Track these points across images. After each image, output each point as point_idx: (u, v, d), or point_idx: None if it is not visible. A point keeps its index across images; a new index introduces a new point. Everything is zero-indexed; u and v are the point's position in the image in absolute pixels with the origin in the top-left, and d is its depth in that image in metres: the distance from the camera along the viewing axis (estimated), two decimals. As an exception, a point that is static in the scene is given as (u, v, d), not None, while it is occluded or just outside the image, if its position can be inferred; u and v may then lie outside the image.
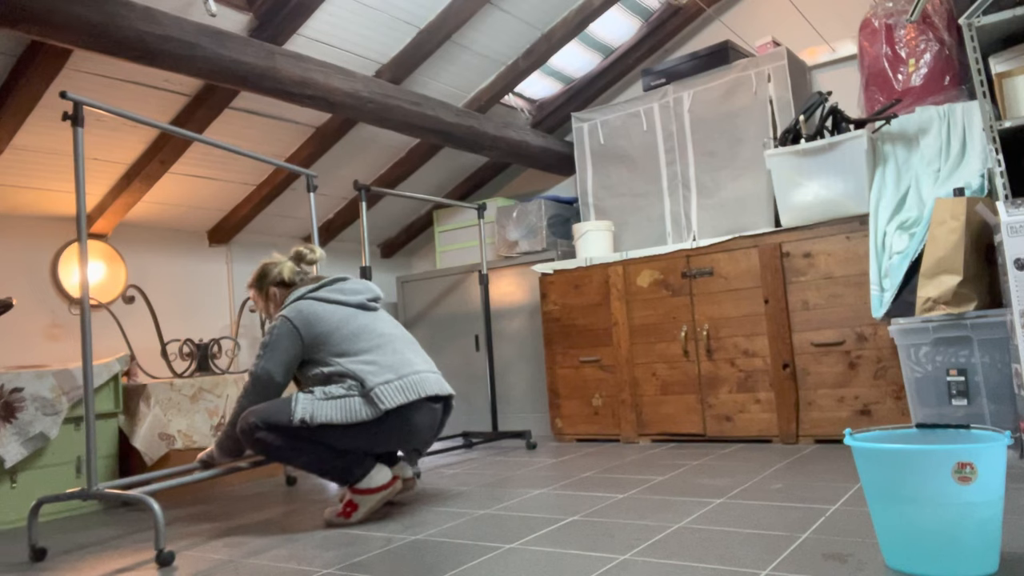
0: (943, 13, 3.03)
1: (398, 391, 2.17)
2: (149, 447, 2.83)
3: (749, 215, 3.38)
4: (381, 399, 2.13)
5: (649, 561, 1.54)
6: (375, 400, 2.13)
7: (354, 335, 2.25)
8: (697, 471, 2.50)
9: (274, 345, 2.24)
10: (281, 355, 2.24)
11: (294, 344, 2.25)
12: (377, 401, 2.13)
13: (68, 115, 2.06)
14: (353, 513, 2.16)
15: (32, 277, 3.15)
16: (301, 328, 2.25)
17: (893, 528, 1.34)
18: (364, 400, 2.15)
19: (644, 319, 3.31)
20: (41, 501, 2.06)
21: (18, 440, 2.50)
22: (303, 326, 2.25)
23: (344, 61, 3.12)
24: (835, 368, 2.84)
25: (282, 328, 2.26)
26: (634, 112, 3.74)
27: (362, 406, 2.14)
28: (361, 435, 2.16)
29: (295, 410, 2.13)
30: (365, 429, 2.15)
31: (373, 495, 2.18)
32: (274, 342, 2.25)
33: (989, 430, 1.40)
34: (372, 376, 2.17)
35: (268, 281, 2.49)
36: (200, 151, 3.25)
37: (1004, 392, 2.30)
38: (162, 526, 1.88)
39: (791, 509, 1.88)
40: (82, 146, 2.06)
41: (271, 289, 2.48)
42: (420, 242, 4.94)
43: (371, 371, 2.18)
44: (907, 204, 2.79)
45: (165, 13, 2.37)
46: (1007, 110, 2.47)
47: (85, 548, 2.11)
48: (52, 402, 2.59)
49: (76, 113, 2.06)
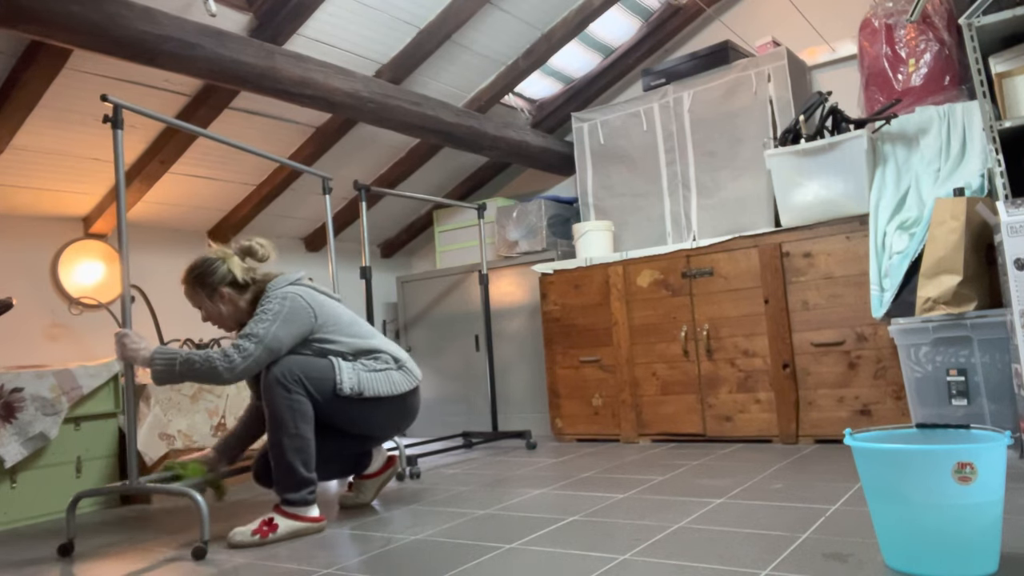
0: (943, 13, 3.03)
1: (415, 368, 2.32)
2: (149, 447, 2.83)
3: (749, 215, 3.38)
4: (413, 371, 2.28)
5: (649, 561, 1.54)
6: (409, 372, 2.26)
7: (353, 322, 2.27)
8: (697, 471, 2.50)
9: (288, 317, 2.07)
10: (293, 328, 2.08)
11: (307, 322, 2.12)
12: (409, 373, 2.26)
13: (108, 118, 2.09)
14: (271, 533, 1.98)
15: (32, 277, 3.15)
16: (315, 308, 2.15)
17: (893, 528, 1.34)
18: (401, 373, 2.24)
19: (644, 319, 3.31)
20: (79, 496, 2.07)
21: (18, 440, 2.50)
22: (317, 307, 2.16)
23: (344, 61, 3.12)
24: (835, 368, 2.84)
25: (296, 303, 2.11)
26: (634, 112, 3.74)
27: (402, 378, 2.23)
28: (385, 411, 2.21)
29: (341, 379, 2.09)
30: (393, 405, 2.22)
31: (299, 523, 2.02)
32: (288, 314, 2.08)
33: (989, 430, 1.40)
34: (397, 351, 2.27)
35: (216, 279, 2.18)
36: (200, 151, 3.25)
37: (1004, 392, 2.30)
38: (206, 518, 1.92)
39: (791, 509, 1.88)
40: (122, 148, 2.09)
41: (223, 289, 2.19)
42: (420, 242, 4.94)
43: (392, 348, 2.27)
44: (907, 204, 2.79)
45: (165, 13, 2.37)
46: (1007, 110, 2.47)
47: (98, 547, 2.11)
48: (52, 402, 2.59)
49: (116, 116, 2.09)
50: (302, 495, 2.04)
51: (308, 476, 2.05)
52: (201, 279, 2.19)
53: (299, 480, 2.04)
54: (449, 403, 4.17)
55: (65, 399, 2.63)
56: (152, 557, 1.94)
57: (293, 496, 2.03)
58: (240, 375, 2.01)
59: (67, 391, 2.65)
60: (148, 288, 3.52)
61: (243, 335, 2.03)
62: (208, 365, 1.98)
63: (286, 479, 2.03)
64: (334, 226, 4.25)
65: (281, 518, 2.01)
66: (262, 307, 2.10)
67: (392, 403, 2.22)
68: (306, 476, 2.05)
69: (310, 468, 2.06)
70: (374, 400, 2.17)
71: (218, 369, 1.98)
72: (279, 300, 2.10)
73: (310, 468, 2.06)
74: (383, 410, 2.20)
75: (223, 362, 1.98)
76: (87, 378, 2.72)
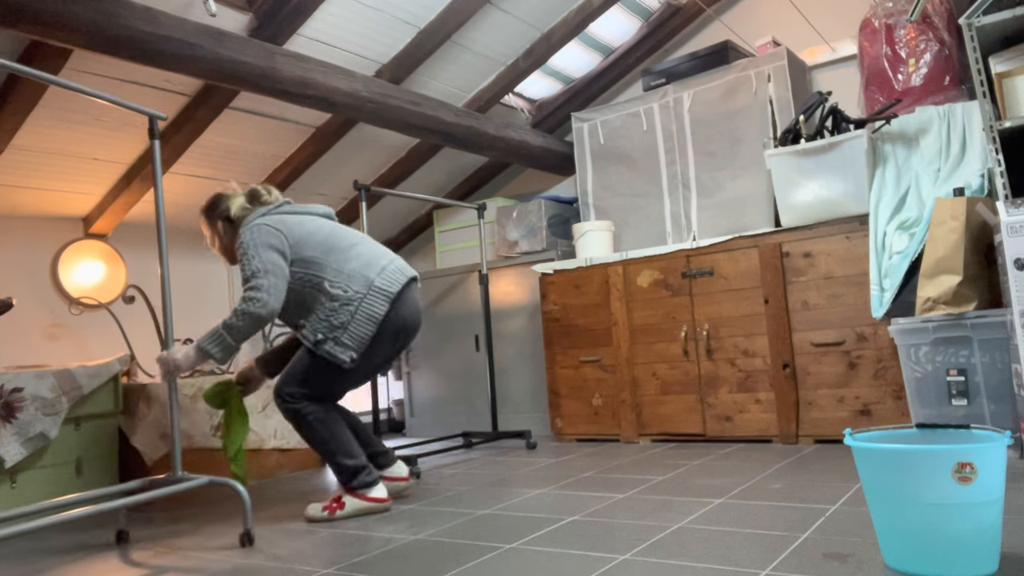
0: (943, 13, 3.03)
1: (396, 272, 2.31)
2: (149, 447, 2.83)
3: (749, 215, 3.38)
4: (387, 287, 2.26)
5: (649, 561, 1.54)
6: (383, 290, 2.25)
7: (331, 236, 2.30)
8: (697, 471, 2.50)
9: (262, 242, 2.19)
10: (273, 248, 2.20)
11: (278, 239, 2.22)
12: (385, 290, 2.25)
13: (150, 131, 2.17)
14: (338, 510, 2.21)
15: (32, 277, 3.15)
16: (283, 229, 2.25)
17: (893, 528, 1.34)
18: (376, 296, 2.24)
19: (644, 319, 3.31)
20: None
21: (18, 440, 2.50)
22: (285, 228, 2.25)
23: (344, 61, 3.12)
24: (835, 368, 2.84)
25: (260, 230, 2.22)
26: (634, 112, 3.74)
27: (376, 302, 2.24)
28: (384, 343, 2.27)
29: (335, 355, 2.20)
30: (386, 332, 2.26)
31: (364, 502, 2.23)
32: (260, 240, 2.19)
33: (989, 430, 1.40)
34: (367, 271, 2.26)
35: (217, 214, 2.37)
36: (200, 151, 3.25)
37: (1004, 392, 2.30)
38: (248, 508, 2.01)
39: (791, 509, 1.88)
40: (158, 155, 2.16)
41: (219, 223, 2.38)
42: (420, 242, 4.94)
43: (363, 266, 2.27)
44: (907, 204, 2.79)
45: (165, 13, 2.37)
46: (1007, 110, 2.47)
47: (89, 548, 2.12)
48: (52, 402, 2.59)
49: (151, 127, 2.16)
50: (360, 480, 2.24)
51: (355, 465, 2.25)
52: (208, 211, 2.40)
53: (350, 471, 2.24)
54: (449, 403, 4.18)
55: (65, 399, 2.63)
56: (172, 554, 1.94)
57: (353, 483, 2.25)
58: (274, 305, 2.15)
59: (67, 391, 2.65)
60: (148, 288, 3.52)
61: (245, 280, 2.19)
62: (247, 317, 2.12)
63: (341, 475, 2.26)
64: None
65: (348, 497, 2.24)
66: (239, 246, 2.24)
67: (384, 332, 2.27)
68: (353, 466, 2.25)
69: (354, 456, 2.26)
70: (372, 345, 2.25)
71: (254, 313, 2.12)
72: (248, 234, 2.23)
73: (354, 456, 2.26)
74: (384, 341, 2.28)
75: (253, 306, 2.13)
76: (87, 378, 2.72)
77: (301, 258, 2.25)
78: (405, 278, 2.32)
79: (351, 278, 2.24)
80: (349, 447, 2.26)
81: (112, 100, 2.04)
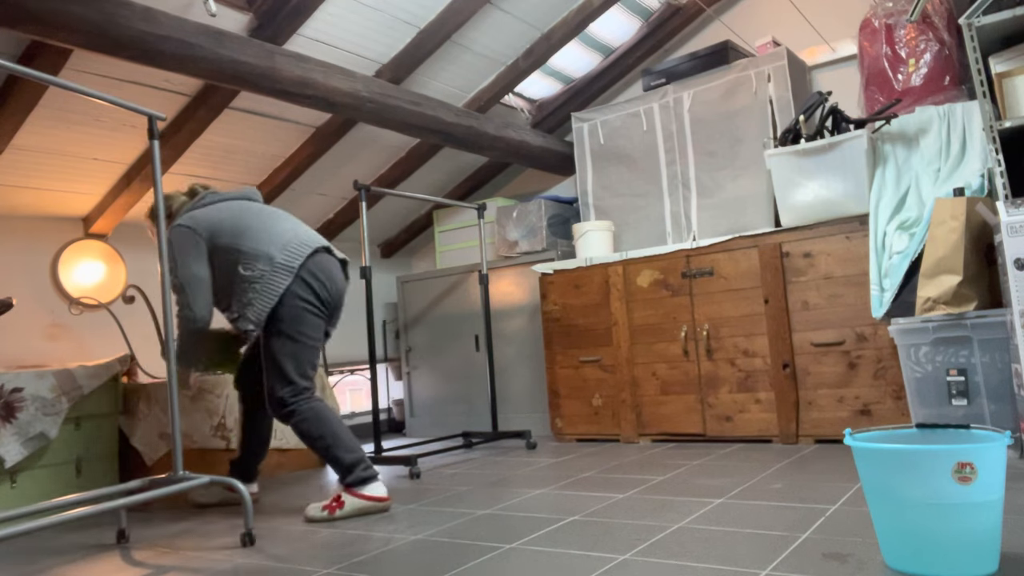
0: (943, 13, 3.03)
1: (300, 245, 2.35)
2: (149, 447, 2.83)
3: (749, 215, 3.38)
4: (288, 262, 2.31)
5: (649, 561, 1.54)
6: (284, 265, 2.30)
7: (240, 219, 2.37)
8: (697, 471, 2.50)
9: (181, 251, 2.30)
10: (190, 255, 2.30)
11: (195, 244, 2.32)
12: (286, 264, 2.30)
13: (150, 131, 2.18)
14: (338, 510, 2.23)
15: (32, 277, 3.15)
16: (199, 228, 2.34)
17: (893, 528, 1.34)
18: (277, 271, 2.29)
19: (644, 319, 3.31)
20: None
21: (18, 440, 2.50)
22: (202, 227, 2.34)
23: (344, 61, 3.12)
24: (835, 368, 2.84)
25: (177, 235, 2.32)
26: (634, 112, 3.74)
27: (277, 277, 2.29)
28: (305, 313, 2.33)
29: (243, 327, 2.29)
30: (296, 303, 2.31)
31: (363, 501, 2.25)
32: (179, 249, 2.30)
33: (989, 430, 1.40)
34: (270, 248, 2.32)
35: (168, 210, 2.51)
36: (200, 151, 3.25)
37: (1004, 392, 2.30)
38: (249, 508, 2.01)
39: (791, 509, 1.88)
40: (158, 155, 2.16)
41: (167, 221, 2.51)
42: (420, 242, 4.94)
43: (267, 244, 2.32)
44: (907, 204, 2.79)
45: (165, 13, 2.37)
46: (1007, 110, 2.47)
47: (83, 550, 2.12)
48: (52, 402, 2.59)
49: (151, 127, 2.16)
50: (356, 476, 2.26)
51: (351, 459, 2.28)
52: (152, 213, 2.51)
53: (346, 466, 2.27)
54: (449, 403, 4.18)
55: (65, 399, 2.63)
56: (170, 554, 1.94)
57: (349, 479, 2.27)
58: (201, 314, 2.30)
59: (67, 391, 2.65)
60: (148, 288, 3.52)
61: (173, 287, 2.32)
62: (181, 332, 2.31)
63: (337, 470, 2.29)
64: (334, 226, 4.25)
65: (348, 496, 2.25)
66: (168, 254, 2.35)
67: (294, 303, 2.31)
68: (349, 460, 2.27)
69: (351, 450, 2.29)
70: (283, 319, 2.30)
71: (186, 328, 2.30)
72: (169, 244, 2.34)
73: (351, 450, 2.29)
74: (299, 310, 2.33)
75: (184, 323, 2.30)
76: (87, 378, 2.72)
77: (216, 247, 2.34)
78: (309, 248, 2.36)
79: (257, 258, 2.31)
80: (346, 440, 2.29)
81: (112, 100, 2.04)
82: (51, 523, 1.67)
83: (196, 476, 2.06)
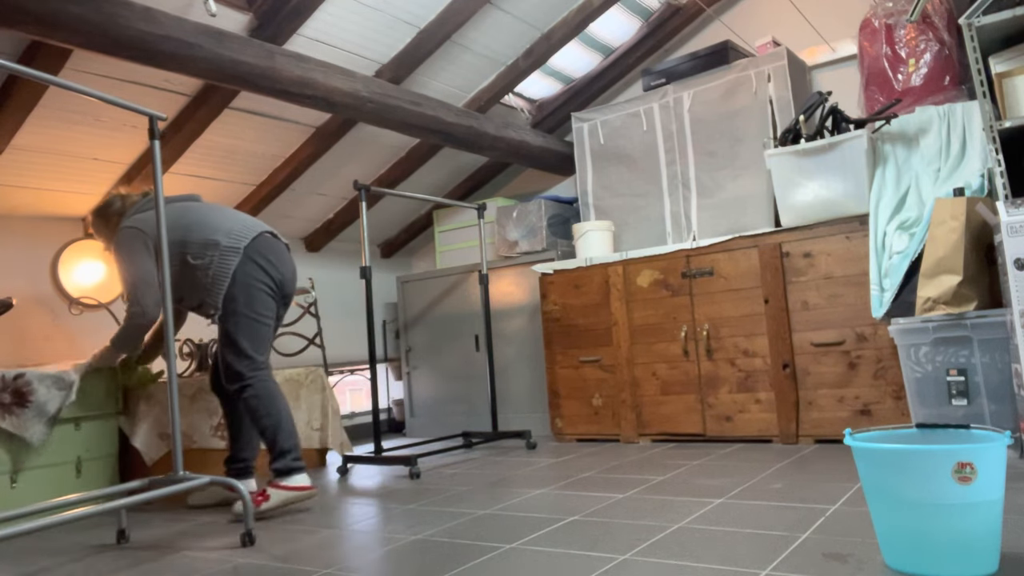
0: (943, 13, 3.03)
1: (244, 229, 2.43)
2: (149, 447, 2.83)
3: (749, 215, 3.38)
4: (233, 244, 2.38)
5: (649, 561, 1.54)
6: (230, 247, 2.38)
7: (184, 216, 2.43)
8: (697, 471, 2.50)
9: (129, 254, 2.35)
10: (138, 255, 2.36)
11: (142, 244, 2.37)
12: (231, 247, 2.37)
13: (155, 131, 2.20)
14: (264, 503, 2.28)
15: (32, 277, 3.15)
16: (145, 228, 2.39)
17: (893, 528, 1.34)
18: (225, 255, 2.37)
19: (644, 319, 3.31)
20: None
21: (40, 420, 2.52)
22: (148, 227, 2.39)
23: (344, 61, 3.12)
24: (835, 368, 2.84)
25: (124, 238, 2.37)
26: (634, 112, 3.74)
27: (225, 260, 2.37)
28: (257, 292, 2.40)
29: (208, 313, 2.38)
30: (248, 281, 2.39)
31: (288, 492, 2.31)
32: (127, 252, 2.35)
33: (989, 430, 1.40)
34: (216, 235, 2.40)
35: (112, 211, 2.54)
36: (200, 151, 3.25)
37: (1004, 392, 2.30)
38: (249, 508, 2.00)
39: (791, 509, 1.88)
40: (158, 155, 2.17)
41: (115, 219, 2.53)
42: (420, 242, 4.94)
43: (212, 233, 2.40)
44: (907, 204, 2.79)
45: (165, 13, 2.37)
46: (1007, 110, 2.47)
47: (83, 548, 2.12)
48: (59, 376, 2.60)
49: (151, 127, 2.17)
50: (287, 463, 2.33)
51: (288, 445, 2.35)
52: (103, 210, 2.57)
53: (282, 450, 2.34)
54: (449, 403, 4.18)
55: (73, 371, 2.65)
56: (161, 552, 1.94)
57: (279, 464, 2.33)
58: (151, 312, 2.37)
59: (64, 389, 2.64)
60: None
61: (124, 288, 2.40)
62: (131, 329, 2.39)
63: (271, 452, 2.36)
64: (334, 226, 4.25)
65: (273, 490, 2.31)
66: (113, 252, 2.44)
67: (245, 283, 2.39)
68: (287, 446, 2.35)
69: (290, 436, 2.36)
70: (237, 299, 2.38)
71: (136, 325, 2.37)
72: (116, 247, 2.40)
73: (290, 436, 2.36)
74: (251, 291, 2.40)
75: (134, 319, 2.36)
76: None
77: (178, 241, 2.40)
78: (253, 232, 2.44)
79: (204, 246, 2.39)
80: (288, 427, 2.37)
81: (112, 100, 2.04)
82: (51, 523, 1.67)
83: (196, 476, 2.06)
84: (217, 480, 2.06)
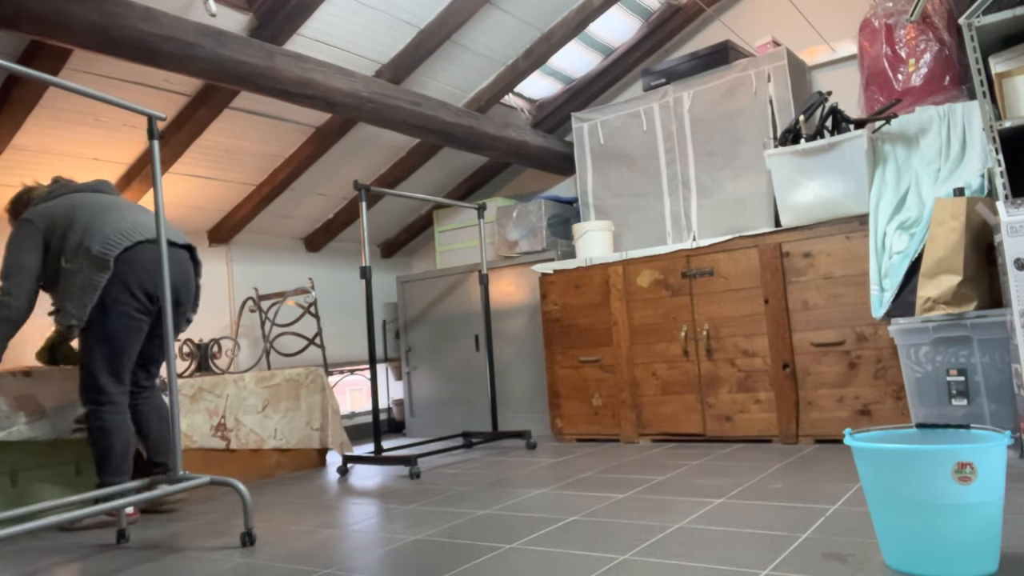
0: (943, 13, 3.03)
1: (118, 236, 2.31)
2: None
3: (749, 215, 3.38)
4: (104, 254, 2.27)
5: (649, 561, 1.54)
6: (99, 258, 2.27)
7: (73, 212, 2.36)
8: (697, 471, 2.50)
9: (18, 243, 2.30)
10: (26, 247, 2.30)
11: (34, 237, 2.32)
12: (100, 258, 2.27)
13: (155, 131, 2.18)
14: None
15: (32, 277, 3.15)
16: (42, 221, 2.33)
17: (893, 528, 1.34)
18: (94, 265, 2.27)
19: (644, 319, 3.31)
20: None
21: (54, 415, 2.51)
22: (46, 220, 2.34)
23: (344, 61, 3.12)
24: (835, 368, 2.84)
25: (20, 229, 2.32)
26: (634, 112, 3.74)
27: (94, 272, 2.26)
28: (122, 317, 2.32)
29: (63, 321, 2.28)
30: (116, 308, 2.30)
31: None
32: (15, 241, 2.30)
33: (989, 430, 1.40)
34: (90, 241, 2.29)
35: (20, 204, 2.51)
36: (200, 151, 3.25)
37: (1004, 392, 2.30)
38: (249, 508, 2.00)
39: (791, 509, 1.88)
40: (158, 155, 2.15)
41: (23, 212, 2.50)
42: (420, 242, 4.95)
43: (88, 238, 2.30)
44: (907, 204, 2.79)
45: (165, 13, 2.37)
46: (1007, 110, 2.47)
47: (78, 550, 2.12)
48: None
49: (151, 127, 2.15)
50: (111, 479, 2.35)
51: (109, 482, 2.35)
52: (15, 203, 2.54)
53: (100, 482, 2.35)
54: (449, 403, 4.18)
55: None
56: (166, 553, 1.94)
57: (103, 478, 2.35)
58: (19, 304, 2.28)
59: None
60: (148, 288, 3.52)
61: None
62: None
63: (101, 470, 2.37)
64: (334, 226, 4.25)
65: None
66: None
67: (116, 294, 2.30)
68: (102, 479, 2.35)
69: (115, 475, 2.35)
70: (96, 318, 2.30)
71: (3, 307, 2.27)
72: (11, 234, 2.35)
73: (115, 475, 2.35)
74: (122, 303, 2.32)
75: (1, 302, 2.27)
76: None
77: (50, 241, 2.35)
78: (129, 241, 2.33)
79: (77, 251, 2.30)
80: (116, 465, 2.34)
81: (112, 100, 2.04)
82: (51, 523, 1.67)
83: (196, 476, 2.06)
84: (217, 480, 2.06)
